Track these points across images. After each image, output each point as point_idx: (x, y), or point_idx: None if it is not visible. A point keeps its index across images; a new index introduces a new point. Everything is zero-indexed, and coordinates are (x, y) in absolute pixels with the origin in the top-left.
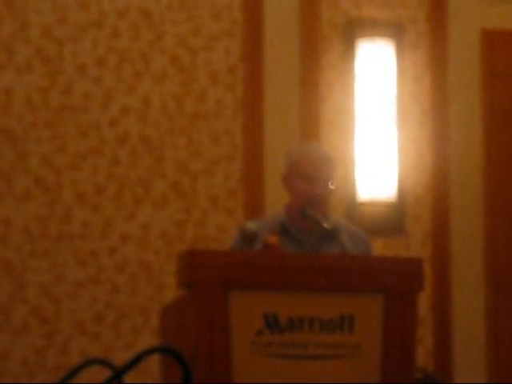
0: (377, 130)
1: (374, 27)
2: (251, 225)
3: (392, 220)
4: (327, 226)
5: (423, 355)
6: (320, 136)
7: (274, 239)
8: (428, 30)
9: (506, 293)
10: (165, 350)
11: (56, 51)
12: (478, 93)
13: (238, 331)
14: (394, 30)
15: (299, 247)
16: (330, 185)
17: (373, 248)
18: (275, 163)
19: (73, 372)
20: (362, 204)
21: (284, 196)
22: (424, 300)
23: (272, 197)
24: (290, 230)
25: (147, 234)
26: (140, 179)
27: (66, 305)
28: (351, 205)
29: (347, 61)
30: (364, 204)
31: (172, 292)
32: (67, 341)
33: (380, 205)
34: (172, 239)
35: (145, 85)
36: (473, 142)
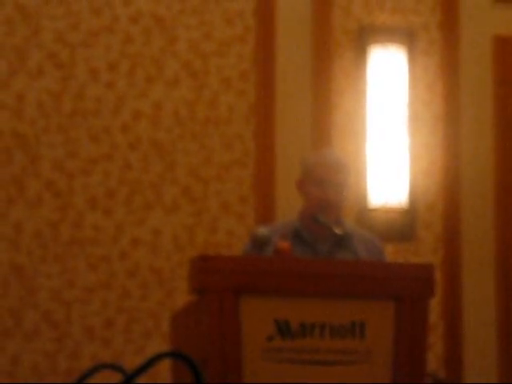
0: (388, 136)
1: (386, 34)
2: (263, 230)
3: (403, 226)
4: (339, 232)
5: (434, 361)
6: (332, 142)
7: (286, 245)
8: (440, 37)
9: None
10: (175, 355)
11: (68, 56)
12: (490, 99)
13: (249, 337)
14: (406, 37)
15: (312, 253)
16: (344, 191)
17: (386, 254)
18: (287, 169)
19: (83, 376)
20: (373, 210)
21: (296, 202)
22: (435, 306)
23: (283, 202)
24: (303, 236)
25: (158, 239)
26: (151, 184)
27: (77, 309)
28: (362, 211)
29: (359, 67)
30: (375, 210)
31: (183, 297)
32: (78, 345)
33: (391, 211)
34: (183, 244)
35: (157, 90)
36: (484, 148)
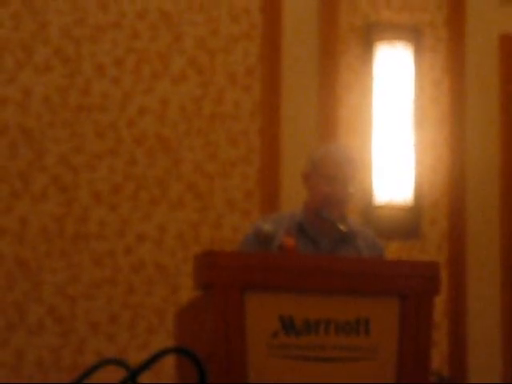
0: (394, 133)
1: (393, 31)
2: (268, 226)
3: (408, 223)
4: (343, 228)
5: (438, 359)
6: (337, 138)
7: (291, 241)
8: (446, 34)
9: None
10: (180, 351)
11: (75, 51)
12: (496, 96)
13: (254, 333)
14: (413, 34)
15: (315, 248)
16: (351, 187)
17: (385, 252)
18: (292, 165)
19: (88, 372)
20: (379, 207)
21: (301, 198)
22: (439, 304)
23: (288, 198)
24: (307, 230)
25: (163, 235)
26: (157, 180)
27: (82, 305)
28: (368, 208)
29: (365, 64)
30: (380, 207)
31: (187, 293)
32: (82, 341)
33: (396, 208)
34: (188, 240)
35: (163, 86)
36: (490, 146)
